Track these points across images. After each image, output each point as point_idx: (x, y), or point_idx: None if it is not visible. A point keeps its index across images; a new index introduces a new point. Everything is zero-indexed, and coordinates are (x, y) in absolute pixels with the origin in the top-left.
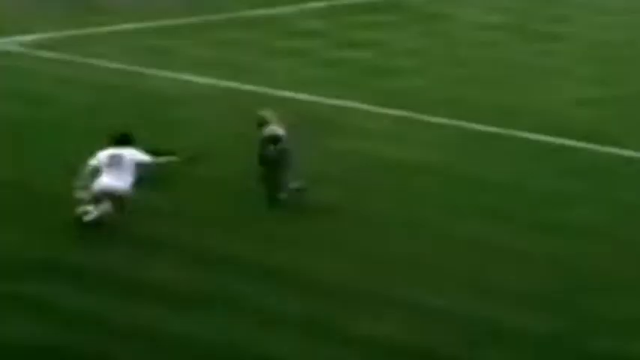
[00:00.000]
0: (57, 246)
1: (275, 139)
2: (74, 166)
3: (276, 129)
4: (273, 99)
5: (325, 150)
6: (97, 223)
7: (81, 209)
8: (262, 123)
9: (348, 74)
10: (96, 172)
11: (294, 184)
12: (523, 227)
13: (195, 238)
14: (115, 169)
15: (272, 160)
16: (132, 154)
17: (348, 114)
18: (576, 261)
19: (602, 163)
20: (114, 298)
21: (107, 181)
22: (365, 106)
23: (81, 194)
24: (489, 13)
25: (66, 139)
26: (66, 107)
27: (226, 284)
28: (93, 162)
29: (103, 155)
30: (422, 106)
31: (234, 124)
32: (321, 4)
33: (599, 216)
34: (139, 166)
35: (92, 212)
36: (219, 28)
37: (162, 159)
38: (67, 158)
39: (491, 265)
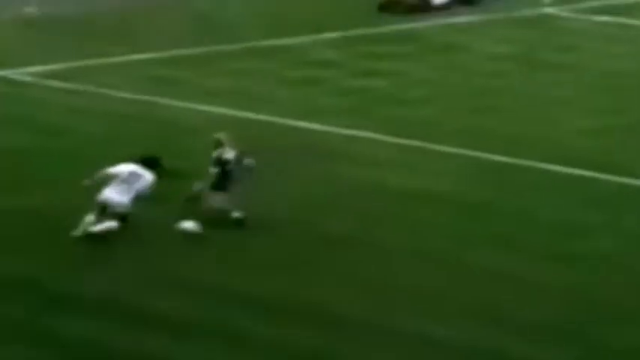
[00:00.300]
0: (59, 273)
1: (224, 162)
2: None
3: (225, 152)
4: (287, 128)
5: (337, 178)
6: (102, 236)
7: (85, 222)
8: (218, 145)
9: (362, 104)
10: (110, 179)
11: (235, 214)
12: (535, 257)
13: (194, 268)
14: (125, 185)
15: (219, 180)
16: (149, 179)
17: (361, 143)
18: (588, 291)
19: (614, 192)
20: (114, 325)
21: (108, 194)
22: (378, 136)
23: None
24: (499, 43)
25: (79, 168)
26: (78, 137)
27: (227, 315)
28: (112, 170)
29: (124, 168)
30: (434, 135)
31: (248, 153)
32: (335, 35)
33: (611, 246)
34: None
35: (100, 224)
36: (233, 57)
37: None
38: (80, 187)
39: (502, 294)
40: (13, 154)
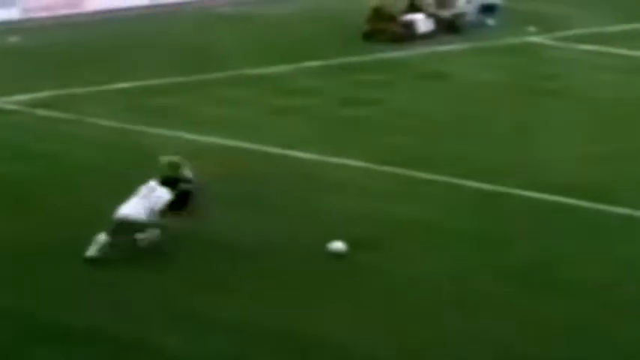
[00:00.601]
0: (51, 301)
1: (188, 182)
2: None
3: (185, 172)
4: (273, 157)
5: (322, 207)
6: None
7: (98, 241)
8: (177, 167)
9: (346, 132)
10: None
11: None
12: (522, 286)
13: (190, 298)
14: (142, 200)
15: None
16: (165, 197)
17: (346, 172)
18: (571, 321)
19: (601, 221)
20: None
21: (126, 211)
22: (362, 164)
23: None
24: (484, 71)
25: (68, 197)
26: (66, 165)
27: (224, 347)
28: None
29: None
30: (419, 164)
31: (234, 182)
32: (320, 63)
33: (595, 275)
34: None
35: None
36: (219, 86)
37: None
38: (73, 214)
39: (488, 324)
40: (1, 181)
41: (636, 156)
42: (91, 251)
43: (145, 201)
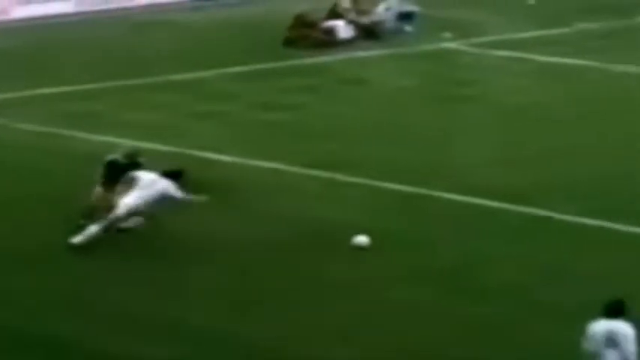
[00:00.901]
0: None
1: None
2: None
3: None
4: (196, 160)
5: (245, 212)
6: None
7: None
8: (136, 155)
9: (267, 136)
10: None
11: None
12: (439, 290)
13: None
14: (143, 191)
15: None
16: (165, 187)
17: (267, 175)
18: (496, 322)
19: (521, 223)
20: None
21: (127, 201)
22: (284, 167)
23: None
24: (403, 77)
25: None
26: None
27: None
28: (135, 174)
29: (147, 175)
30: (341, 167)
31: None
32: (240, 69)
33: (519, 276)
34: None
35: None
36: (142, 91)
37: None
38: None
39: (408, 326)
40: None
41: (553, 158)
42: (77, 239)
43: (146, 192)
